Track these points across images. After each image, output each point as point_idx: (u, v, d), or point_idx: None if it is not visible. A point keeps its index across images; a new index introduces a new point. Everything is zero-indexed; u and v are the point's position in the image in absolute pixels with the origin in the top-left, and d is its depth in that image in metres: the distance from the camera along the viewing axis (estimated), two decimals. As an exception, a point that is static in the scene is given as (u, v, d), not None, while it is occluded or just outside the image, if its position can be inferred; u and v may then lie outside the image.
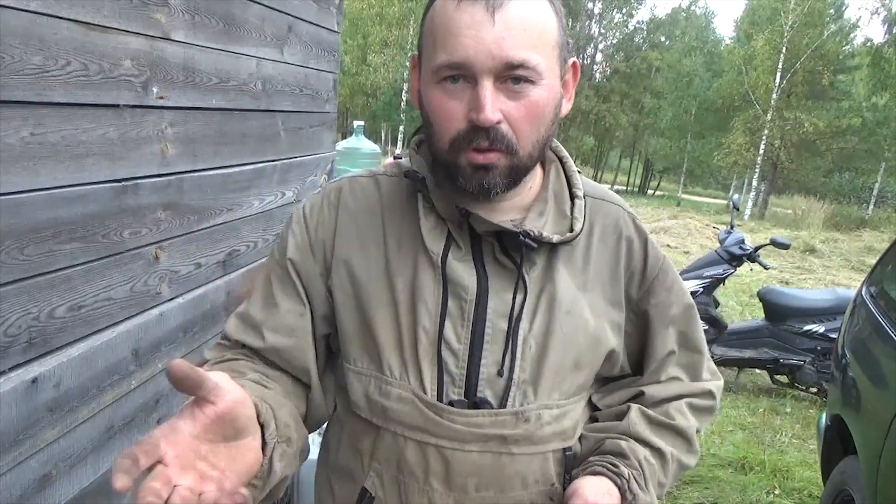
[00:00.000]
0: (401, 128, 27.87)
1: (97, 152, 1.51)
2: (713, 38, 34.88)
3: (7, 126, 1.25)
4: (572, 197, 0.91)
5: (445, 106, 0.80)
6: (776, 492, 3.32)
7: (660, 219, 14.57)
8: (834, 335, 4.34)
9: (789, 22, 22.49)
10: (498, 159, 0.80)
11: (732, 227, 5.28)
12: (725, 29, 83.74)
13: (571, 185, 0.93)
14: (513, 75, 0.77)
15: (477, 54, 0.76)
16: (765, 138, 23.58)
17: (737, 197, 5.97)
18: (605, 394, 0.97)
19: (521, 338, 0.85)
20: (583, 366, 0.89)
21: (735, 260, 4.97)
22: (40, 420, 1.40)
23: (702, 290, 4.89)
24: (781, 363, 4.76)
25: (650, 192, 36.80)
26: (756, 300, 5.76)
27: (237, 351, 0.92)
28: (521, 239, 0.83)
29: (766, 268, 5.15)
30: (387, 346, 0.86)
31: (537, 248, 0.85)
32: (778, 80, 23.29)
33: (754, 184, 24.14)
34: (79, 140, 1.44)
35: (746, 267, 5.32)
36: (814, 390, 4.74)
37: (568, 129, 33.83)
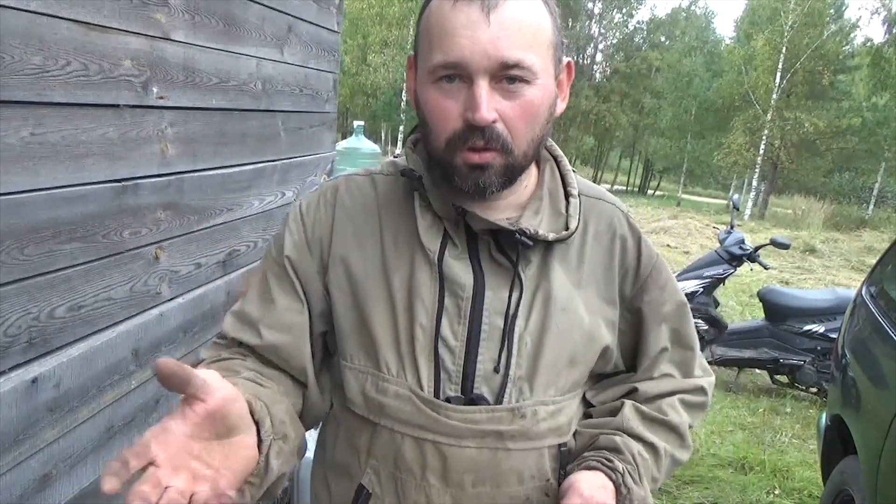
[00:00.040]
0: (401, 128, 27.84)
1: (97, 152, 1.51)
2: (713, 38, 34.87)
3: (7, 126, 1.25)
4: (567, 196, 0.92)
5: (441, 105, 0.80)
6: (776, 492, 3.31)
7: (660, 219, 14.56)
8: (834, 335, 4.34)
9: (789, 22, 22.49)
10: (493, 158, 0.81)
11: (732, 227, 5.28)
12: (725, 29, 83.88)
13: (566, 184, 0.93)
14: (508, 75, 0.78)
15: (472, 54, 0.77)
16: (765, 138, 23.58)
17: (737, 197, 5.97)
18: (598, 390, 0.98)
19: (517, 335, 0.86)
20: (578, 362, 0.90)
21: (735, 260, 4.97)
22: (40, 420, 1.40)
23: (702, 290, 4.89)
24: (781, 363, 4.76)
25: (650, 192, 36.80)
26: (756, 300, 5.76)
27: (233, 350, 0.92)
28: (517, 237, 0.84)
29: (766, 268, 5.15)
30: (384, 344, 0.87)
31: (533, 247, 0.86)
32: (778, 80, 23.29)
33: (754, 184, 24.15)
34: (79, 140, 1.44)
35: (746, 267, 5.32)
36: (814, 390, 4.74)
37: (568, 129, 33.82)
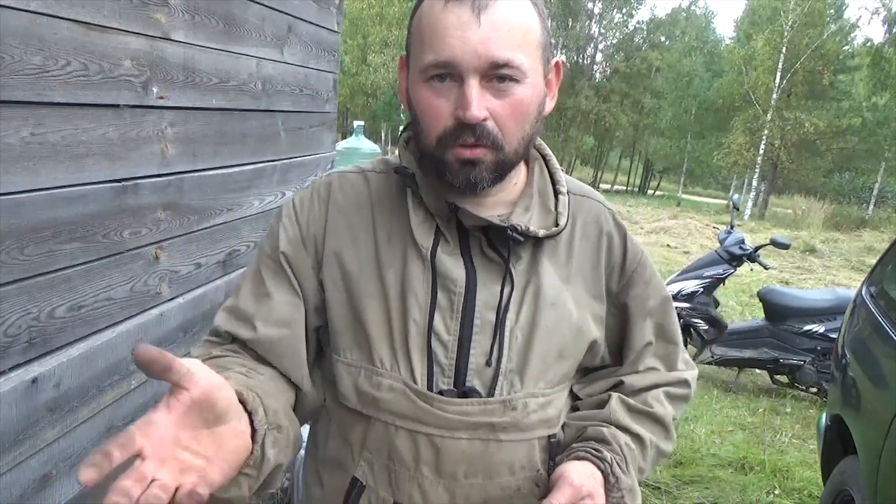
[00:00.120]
0: (401, 128, 27.80)
1: (97, 152, 1.51)
2: (713, 38, 34.86)
3: (7, 126, 1.25)
4: (556, 193, 0.94)
5: (433, 104, 0.82)
6: (776, 492, 3.31)
7: (660, 219, 14.57)
8: (834, 335, 4.34)
9: (789, 22, 22.49)
10: (484, 154, 0.83)
11: (732, 227, 5.28)
12: (725, 29, 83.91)
13: (555, 182, 0.96)
14: (498, 74, 0.80)
15: (463, 54, 0.78)
16: (765, 138, 23.58)
17: (737, 197, 5.97)
18: (586, 384, 1.00)
19: (508, 329, 0.88)
20: (567, 356, 0.92)
21: (735, 260, 4.97)
22: (40, 420, 1.40)
23: (702, 290, 4.89)
24: (781, 363, 4.76)
25: (650, 192, 36.78)
26: (756, 300, 5.76)
27: (226, 347, 0.92)
28: (508, 233, 0.86)
29: (766, 268, 5.15)
30: (377, 338, 0.88)
31: (523, 243, 0.88)
32: (778, 80, 23.30)
33: (754, 184, 24.15)
34: (79, 140, 1.44)
35: (746, 267, 5.32)
36: (814, 390, 4.74)
37: (568, 129, 33.81)
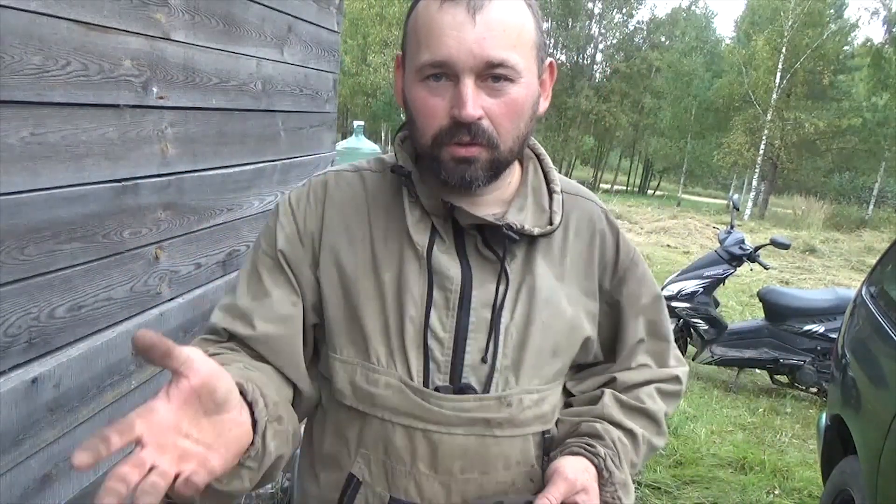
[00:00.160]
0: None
1: (97, 152, 1.51)
2: (713, 38, 34.85)
3: (7, 126, 1.25)
4: (550, 192, 0.95)
5: (429, 103, 0.83)
6: (776, 492, 3.31)
7: (660, 219, 14.57)
8: (834, 335, 4.34)
9: (789, 22, 22.51)
10: (480, 153, 0.83)
11: (732, 227, 5.28)
12: (725, 29, 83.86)
13: (549, 181, 0.97)
14: (493, 74, 0.81)
15: (459, 53, 0.79)
16: (765, 138, 23.59)
17: (737, 197, 5.97)
18: (579, 381, 1.02)
19: (503, 326, 0.89)
20: (560, 353, 0.94)
21: (735, 260, 4.97)
22: (40, 420, 1.40)
23: (702, 290, 4.90)
24: (781, 363, 4.76)
25: (650, 192, 36.78)
26: (756, 300, 5.76)
27: (223, 345, 0.92)
28: (504, 231, 0.87)
29: (766, 268, 5.16)
30: (374, 336, 0.89)
31: (518, 241, 0.89)
32: (778, 80, 23.31)
33: (754, 184, 24.16)
34: (79, 140, 1.45)
35: (746, 267, 5.32)
36: (814, 390, 4.74)
37: (568, 129, 33.81)
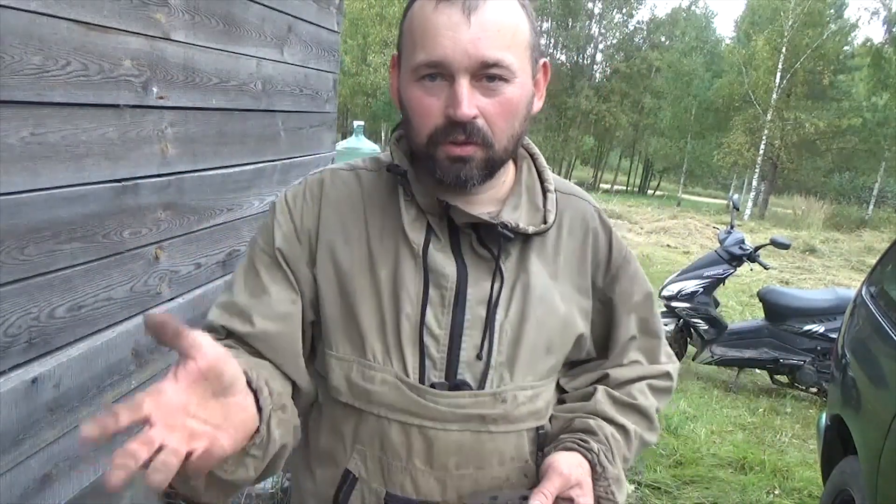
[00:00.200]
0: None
1: (97, 152, 1.51)
2: (713, 38, 34.83)
3: (7, 126, 1.25)
4: (544, 191, 0.97)
5: (424, 102, 0.84)
6: (776, 492, 3.31)
7: (660, 219, 14.57)
8: (834, 335, 4.34)
9: (789, 22, 22.50)
10: (475, 152, 0.84)
11: (732, 227, 5.28)
12: (725, 29, 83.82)
13: (543, 180, 0.98)
14: (488, 73, 0.82)
15: (454, 54, 0.80)
16: (765, 138, 23.59)
17: (737, 197, 5.97)
18: (572, 377, 1.03)
19: (498, 324, 0.91)
20: (554, 349, 0.95)
21: (735, 260, 4.97)
22: (40, 420, 1.40)
23: (702, 290, 4.90)
24: (781, 363, 4.76)
25: (650, 192, 36.77)
26: (756, 300, 5.76)
27: (220, 342, 0.91)
28: (499, 230, 0.88)
29: (766, 268, 5.16)
30: (370, 333, 0.90)
31: (512, 240, 0.90)
32: (778, 80, 23.30)
33: (754, 184, 24.15)
34: (79, 140, 1.44)
35: (746, 267, 5.32)
36: (814, 390, 4.74)
37: (568, 129, 33.80)
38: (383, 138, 31.97)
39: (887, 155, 23.83)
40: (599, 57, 37.25)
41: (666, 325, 5.01)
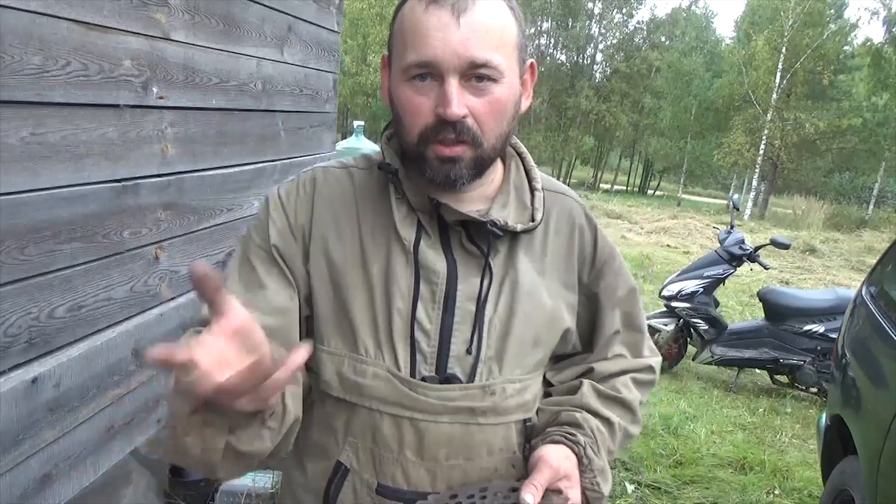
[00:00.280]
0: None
1: (97, 152, 1.51)
2: (713, 38, 34.82)
3: (7, 126, 1.25)
4: (532, 189, 0.99)
5: (414, 102, 0.86)
6: (776, 492, 3.31)
7: (660, 219, 14.55)
8: (834, 335, 4.34)
9: (789, 22, 22.50)
10: (464, 152, 0.86)
11: (732, 227, 5.28)
12: (725, 29, 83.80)
13: (530, 179, 1.00)
14: (477, 74, 0.84)
15: (444, 54, 0.82)
16: (765, 138, 23.58)
17: (737, 197, 5.97)
18: (558, 371, 1.06)
19: (487, 319, 0.93)
20: (541, 344, 0.97)
21: (735, 260, 4.97)
22: (40, 420, 1.40)
23: (702, 290, 4.89)
24: (781, 363, 4.76)
25: (650, 192, 36.77)
26: (756, 300, 5.76)
27: None
28: (488, 228, 0.90)
29: (766, 268, 5.16)
30: (362, 328, 0.91)
31: (501, 237, 0.93)
32: (778, 80, 23.30)
33: (754, 184, 24.14)
34: (79, 140, 1.45)
35: (746, 267, 5.32)
36: (814, 390, 4.74)
37: (568, 129, 33.79)
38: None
39: (887, 155, 23.82)
40: (599, 57, 37.24)
41: (666, 325, 5.01)
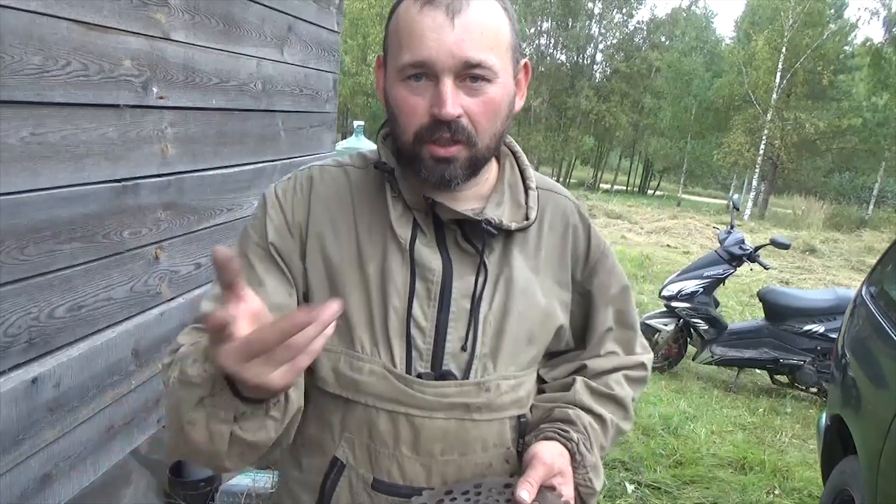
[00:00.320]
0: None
1: (97, 152, 1.51)
2: (713, 38, 34.81)
3: (7, 126, 1.25)
4: (526, 188, 1.00)
5: (410, 102, 0.87)
6: (776, 492, 3.31)
7: (660, 219, 14.55)
8: (834, 335, 4.34)
9: (789, 22, 22.50)
10: (459, 152, 0.87)
11: (732, 227, 5.28)
12: (725, 29, 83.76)
13: (525, 178, 1.01)
14: (471, 74, 0.85)
15: (438, 54, 0.83)
16: (765, 138, 23.58)
17: (737, 197, 5.97)
18: (551, 368, 1.07)
19: (482, 316, 0.94)
20: (535, 340, 0.99)
21: (735, 260, 4.97)
22: (40, 420, 1.40)
23: (702, 290, 4.90)
24: (781, 363, 4.76)
25: (650, 192, 36.76)
26: (756, 300, 5.76)
27: None
28: (483, 226, 0.91)
29: (766, 268, 5.16)
30: (359, 325, 0.92)
31: (496, 235, 0.94)
32: (778, 80, 23.30)
33: (754, 184, 24.14)
34: (79, 140, 1.45)
35: (746, 267, 5.32)
36: (814, 390, 4.74)
37: (568, 129, 33.79)
38: (383, 138, 31.85)
39: (887, 155, 23.82)
40: (599, 57, 37.22)
41: (666, 325, 5.01)
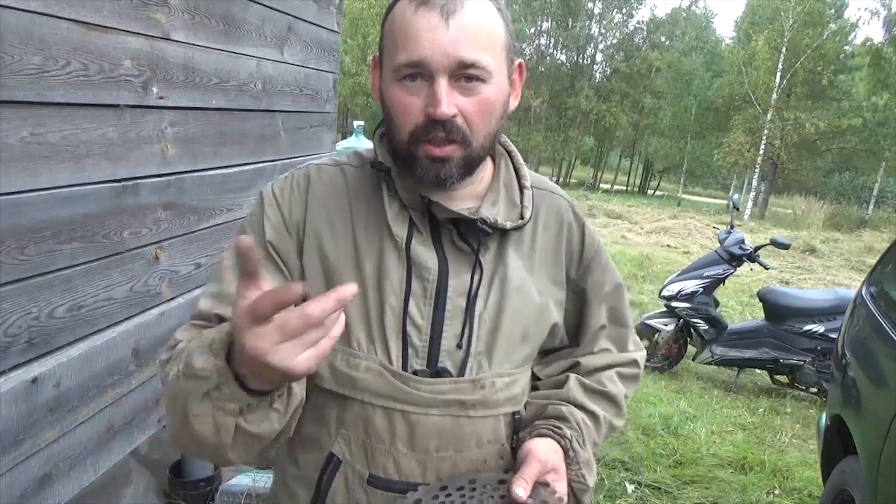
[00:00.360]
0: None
1: (97, 152, 1.51)
2: (713, 38, 34.80)
3: (7, 126, 1.25)
4: (521, 188, 1.01)
5: (405, 101, 0.88)
6: (776, 492, 3.31)
7: (660, 219, 14.55)
8: (834, 335, 4.34)
9: (789, 22, 22.50)
10: (454, 151, 0.88)
11: (732, 227, 5.28)
12: (725, 29, 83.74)
13: (520, 177, 1.02)
14: (466, 74, 0.86)
15: (433, 54, 0.84)
16: (765, 138, 23.58)
17: (737, 197, 5.98)
18: (545, 365, 1.08)
19: (477, 314, 0.95)
20: (530, 338, 1.00)
21: (735, 260, 4.97)
22: (40, 420, 1.40)
23: (702, 290, 4.90)
24: (781, 363, 4.76)
25: (650, 192, 36.76)
26: (756, 300, 5.76)
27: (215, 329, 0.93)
28: (478, 225, 0.92)
29: (766, 268, 5.16)
30: (355, 323, 0.93)
31: (491, 234, 0.95)
32: (778, 80, 23.30)
33: (754, 184, 24.14)
34: (79, 140, 1.45)
35: (746, 267, 5.32)
36: (814, 390, 4.74)
37: (568, 129, 33.80)
38: (383, 138, 31.84)
39: (887, 155, 23.82)
40: (599, 57, 37.25)
41: (666, 325, 5.01)
